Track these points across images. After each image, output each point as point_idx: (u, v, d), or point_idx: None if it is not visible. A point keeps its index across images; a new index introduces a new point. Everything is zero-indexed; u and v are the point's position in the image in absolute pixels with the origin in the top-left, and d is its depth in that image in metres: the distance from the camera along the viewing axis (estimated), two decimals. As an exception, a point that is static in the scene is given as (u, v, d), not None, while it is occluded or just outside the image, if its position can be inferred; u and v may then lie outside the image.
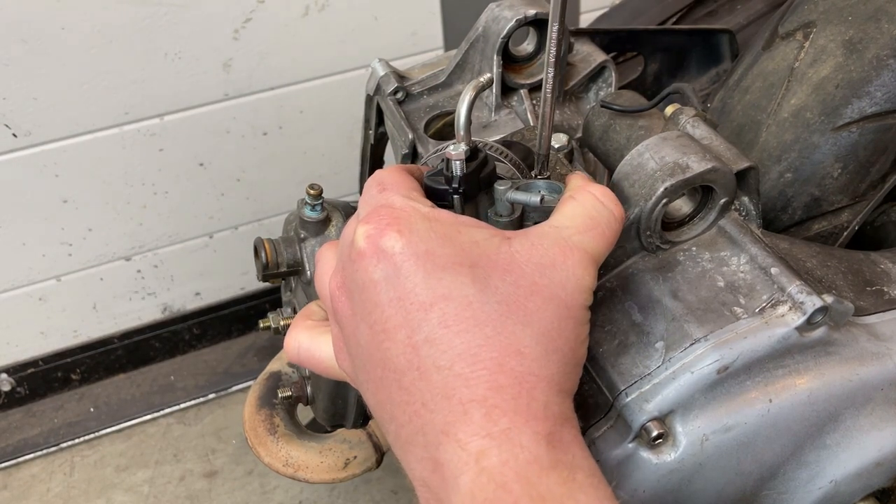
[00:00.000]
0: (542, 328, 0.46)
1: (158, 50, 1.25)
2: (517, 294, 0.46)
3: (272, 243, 0.86)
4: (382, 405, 0.47)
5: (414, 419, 0.45)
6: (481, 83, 0.53)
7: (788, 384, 0.55)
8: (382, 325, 0.46)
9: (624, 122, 0.69)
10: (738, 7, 1.00)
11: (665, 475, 0.55)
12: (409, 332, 0.45)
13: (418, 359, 0.45)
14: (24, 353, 1.51)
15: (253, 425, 0.95)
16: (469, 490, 0.42)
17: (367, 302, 0.47)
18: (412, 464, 0.46)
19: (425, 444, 0.44)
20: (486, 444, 0.42)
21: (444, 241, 0.46)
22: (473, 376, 0.44)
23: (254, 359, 1.60)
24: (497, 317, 0.45)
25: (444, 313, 0.45)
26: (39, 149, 1.28)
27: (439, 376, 0.44)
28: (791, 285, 0.54)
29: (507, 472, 0.42)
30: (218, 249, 1.52)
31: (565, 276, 0.47)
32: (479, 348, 0.44)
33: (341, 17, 1.34)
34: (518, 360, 0.44)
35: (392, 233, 0.46)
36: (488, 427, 0.43)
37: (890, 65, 0.68)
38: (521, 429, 0.43)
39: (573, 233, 0.49)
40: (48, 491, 1.42)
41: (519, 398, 0.44)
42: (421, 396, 0.45)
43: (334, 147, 1.47)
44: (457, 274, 0.45)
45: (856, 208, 0.71)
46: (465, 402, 0.43)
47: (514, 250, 0.47)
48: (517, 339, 0.45)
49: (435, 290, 0.45)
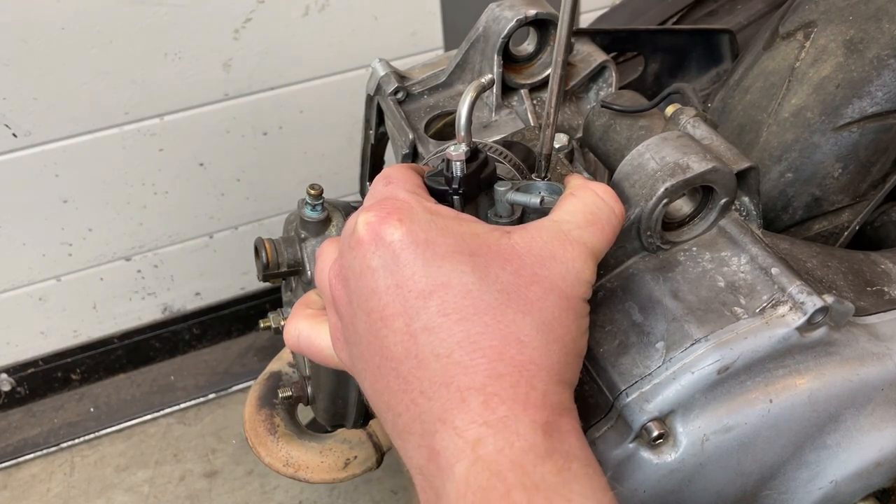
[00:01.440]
0: (542, 318, 0.46)
1: (158, 50, 1.25)
2: (517, 283, 0.46)
3: (272, 243, 0.86)
4: (380, 394, 0.47)
5: (411, 407, 0.45)
6: (482, 84, 0.53)
7: (789, 384, 0.55)
8: (380, 313, 0.46)
9: (624, 123, 0.69)
10: (738, 7, 1.00)
11: (665, 475, 0.55)
12: (408, 319, 0.45)
13: (416, 347, 0.44)
14: (24, 353, 1.51)
15: (253, 425, 0.95)
16: (463, 477, 0.42)
17: (365, 289, 0.46)
18: (409, 452, 0.46)
19: (422, 433, 0.44)
20: (482, 432, 0.42)
21: (444, 231, 0.46)
22: (472, 364, 0.43)
23: (254, 359, 1.60)
24: (497, 305, 0.45)
25: (444, 301, 0.44)
26: (39, 149, 1.27)
27: (438, 364, 0.44)
28: (791, 285, 0.54)
29: (501, 459, 0.41)
30: (218, 249, 1.52)
31: (565, 268, 0.47)
32: (479, 336, 0.44)
33: (341, 17, 1.33)
34: (518, 349, 0.44)
35: (393, 221, 0.46)
36: (486, 415, 0.42)
37: (891, 64, 0.68)
38: (519, 417, 0.43)
39: (573, 227, 0.49)
40: (48, 491, 1.42)
41: (518, 386, 0.43)
42: (419, 384, 0.44)
43: (334, 147, 1.47)
44: (457, 262, 0.45)
45: (856, 208, 0.71)
46: (464, 390, 0.43)
47: (514, 242, 0.47)
48: (517, 328, 0.45)
49: (434, 278, 0.45)
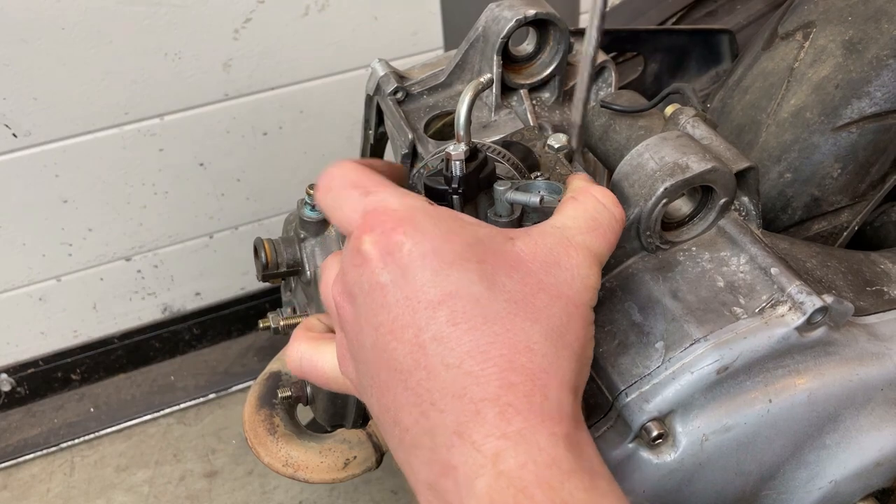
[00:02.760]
0: (550, 325, 0.45)
1: (158, 50, 1.25)
2: (524, 291, 0.45)
3: (272, 243, 0.86)
4: (387, 409, 0.46)
5: (421, 420, 0.43)
6: (481, 83, 0.53)
7: (788, 384, 0.55)
8: (389, 326, 0.45)
9: (624, 122, 0.69)
10: (738, 7, 1.00)
11: (665, 475, 0.55)
12: (417, 330, 0.44)
13: (426, 358, 0.43)
14: (24, 353, 1.51)
15: (253, 425, 0.95)
16: (486, 494, 0.40)
17: (374, 304, 0.46)
18: (416, 467, 0.44)
19: (433, 447, 0.43)
20: (501, 446, 0.41)
21: (449, 237, 0.46)
22: (483, 374, 0.42)
23: (254, 359, 1.60)
24: (506, 314, 0.44)
25: (453, 311, 0.44)
26: (39, 149, 1.27)
27: (448, 375, 0.43)
28: (791, 285, 0.54)
29: (526, 475, 0.40)
30: (218, 249, 1.52)
31: (571, 274, 0.47)
32: (489, 345, 0.43)
33: (341, 17, 1.33)
34: (528, 357, 0.43)
35: (398, 236, 0.45)
36: (503, 427, 0.41)
37: (890, 65, 0.68)
38: (538, 429, 0.42)
39: (576, 233, 0.48)
40: (48, 491, 1.42)
41: (532, 396, 0.42)
42: (429, 396, 0.43)
43: (334, 147, 1.47)
44: (464, 270, 0.45)
45: (855, 208, 0.71)
46: (477, 402, 0.42)
47: (518, 249, 0.47)
48: (526, 336, 0.44)
49: (443, 288, 0.44)
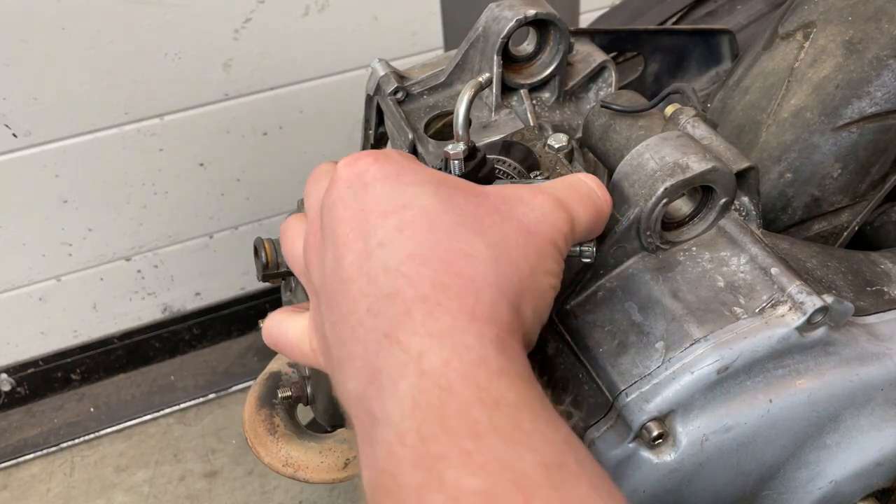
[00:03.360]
0: (496, 240, 0.45)
1: (158, 50, 1.25)
2: (477, 212, 0.45)
3: (272, 243, 0.86)
4: (333, 326, 0.44)
5: (357, 329, 0.42)
6: (480, 83, 0.53)
7: (788, 384, 0.55)
8: (344, 238, 0.45)
9: (624, 122, 0.69)
10: (738, 7, 1.00)
11: (665, 475, 0.55)
12: (366, 238, 0.44)
13: (369, 263, 0.43)
14: (24, 353, 1.51)
15: (253, 425, 0.95)
16: (409, 396, 0.38)
17: (335, 219, 0.46)
18: (348, 383, 0.43)
19: (365, 355, 0.41)
20: (426, 344, 0.39)
21: (416, 168, 0.47)
22: (418, 276, 0.42)
23: (254, 359, 1.61)
24: (452, 225, 0.44)
25: (402, 219, 0.44)
26: (39, 149, 1.28)
27: (386, 278, 0.42)
28: (791, 285, 0.54)
29: (450, 373, 0.39)
30: (218, 249, 1.52)
31: (531, 208, 0.47)
32: (429, 250, 0.43)
33: (341, 17, 1.34)
34: (466, 262, 0.43)
35: (368, 159, 0.46)
36: (429, 325, 0.40)
37: (890, 65, 0.68)
38: (466, 328, 0.40)
39: (549, 187, 0.49)
40: (48, 491, 1.42)
41: (464, 297, 0.41)
42: (366, 301, 0.42)
43: (334, 147, 1.47)
44: (421, 186, 0.45)
45: (856, 208, 0.71)
46: (409, 302, 0.41)
47: (484, 186, 0.48)
48: (469, 244, 0.44)
49: (396, 200, 0.44)
